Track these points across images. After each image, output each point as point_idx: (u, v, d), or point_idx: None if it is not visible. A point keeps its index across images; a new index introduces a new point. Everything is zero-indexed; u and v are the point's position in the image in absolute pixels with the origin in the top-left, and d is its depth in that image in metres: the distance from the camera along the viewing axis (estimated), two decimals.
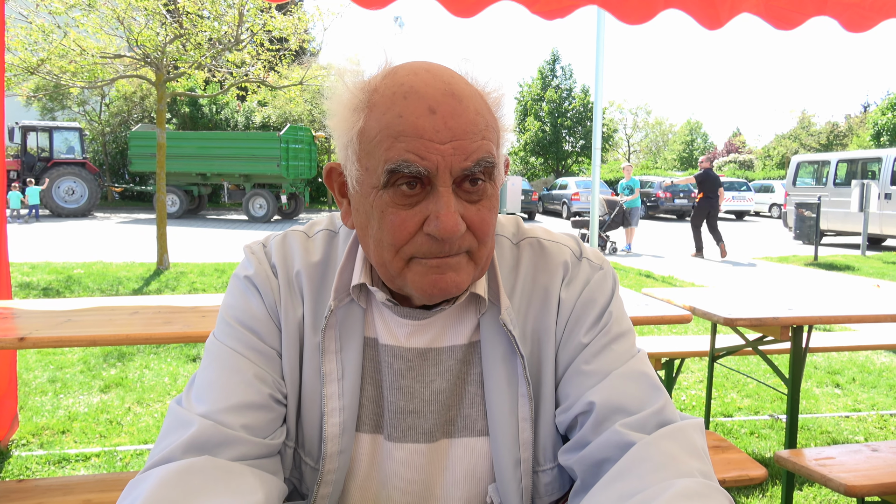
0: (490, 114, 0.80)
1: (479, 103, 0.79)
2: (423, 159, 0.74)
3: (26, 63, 8.70)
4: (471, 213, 0.78)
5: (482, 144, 0.77)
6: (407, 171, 0.75)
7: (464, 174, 0.76)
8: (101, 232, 15.75)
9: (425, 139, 0.74)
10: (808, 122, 41.38)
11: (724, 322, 2.41)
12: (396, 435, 0.90)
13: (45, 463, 3.06)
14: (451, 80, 0.78)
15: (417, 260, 0.79)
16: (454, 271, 0.79)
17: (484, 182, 0.79)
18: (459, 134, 0.75)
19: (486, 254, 0.82)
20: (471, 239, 0.79)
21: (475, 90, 0.80)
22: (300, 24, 9.88)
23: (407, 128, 0.75)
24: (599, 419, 0.82)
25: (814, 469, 2.04)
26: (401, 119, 0.75)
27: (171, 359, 4.82)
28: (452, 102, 0.76)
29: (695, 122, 50.19)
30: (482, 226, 0.79)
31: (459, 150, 0.75)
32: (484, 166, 0.77)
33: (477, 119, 0.77)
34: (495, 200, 0.81)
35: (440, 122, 0.74)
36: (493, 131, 0.79)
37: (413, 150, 0.74)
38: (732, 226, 23.72)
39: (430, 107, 0.75)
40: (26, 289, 7.46)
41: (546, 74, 37.02)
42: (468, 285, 0.82)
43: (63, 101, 24.63)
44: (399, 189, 0.77)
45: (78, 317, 2.31)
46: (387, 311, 0.90)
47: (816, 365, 5.04)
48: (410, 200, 0.77)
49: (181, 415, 0.80)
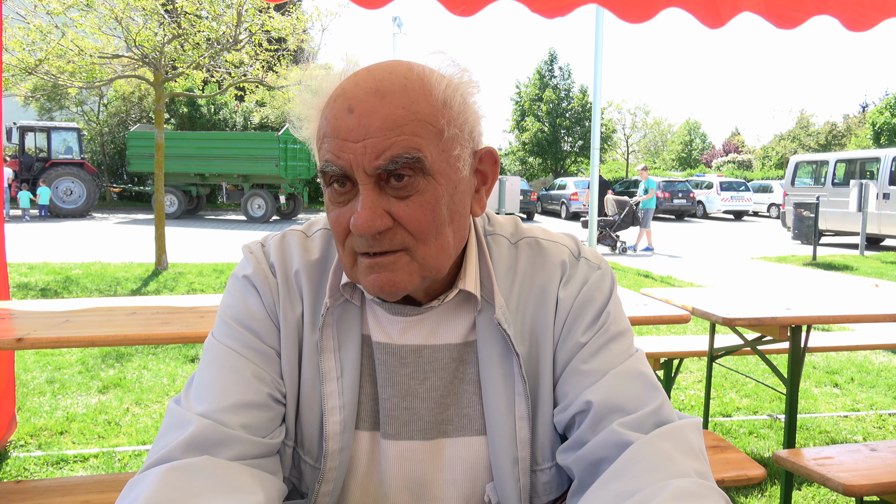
0: (430, 103, 0.77)
1: (412, 95, 0.76)
2: (339, 158, 0.76)
3: (24, 63, 8.69)
4: (399, 209, 0.77)
5: (400, 140, 0.74)
6: (329, 171, 0.77)
7: (381, 171, 0.75)
8: (100, 232, 15.74)
9: (340, 139, 0.76)
10: (806, 123, 41.43)
11: (722, 322, 2.41)
12: (391, 432, 0.90)
13: (43, 464, 3.05)
14: (384, 77, 0.77)
15: (359, 258, 0.80)
16: (390, 271, 0.78)
17: (411, 178, 0.76)
18: (373, 131, 0.74)
19: (433, 253, 0.79)
20: (404, 235, 0.78)
21: (417, 81, 0.77)
22: (298, 24, 9.88)
23: (330, 129, 0.77)
24: (597, 418, 0.82)
25: (812, 469, 2.04)
26: (327, 121, 0.78)
27: (170, 359, 4.82)
28: (373, 100, 0.75)
29: (693, 122, 50.24)
30: (412, 222, 0.77)
31: (371, 148, 0.74)
32: (403, 162, 0.74)
33: (397, 114, 0.75)
34: (431, 196, 0.77)
35: (355, 121, 0.75)
36: (426, 123, 0.76)
37: (332, 149, 0.76)
38: (731, 226, 23.75)
39: (350, 106, 0.76)
40: (24, 289, 7.45)
41: (544, 74, 37.02)
42: (413, 286, 0.80)
43: (61, 102, 24.60)
44: (333, 187, 0.79)
45: (76, 317, 2.30)
46: (379, 308, 0.90)
47: (815, 365, 5.04)
48: (343, 198, 0.79)
49: (180, 414, 0.80)
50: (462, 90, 0.81)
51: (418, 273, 0.80)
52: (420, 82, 0.78)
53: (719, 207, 27.26)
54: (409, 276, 0.79)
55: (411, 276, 0.79)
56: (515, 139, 38.28)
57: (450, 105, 0.79)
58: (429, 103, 0.77)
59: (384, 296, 0.81)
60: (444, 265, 0.82)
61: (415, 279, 0.80)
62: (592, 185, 11.48)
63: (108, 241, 13.67)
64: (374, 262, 0.78)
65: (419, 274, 0.80)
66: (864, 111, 40.62)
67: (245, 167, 19.93)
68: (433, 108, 0.77)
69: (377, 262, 0.78)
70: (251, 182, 20.38)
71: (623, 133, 45.02)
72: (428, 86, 0.78)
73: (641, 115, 46.57)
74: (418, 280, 0.80)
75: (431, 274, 0.81)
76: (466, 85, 0.82)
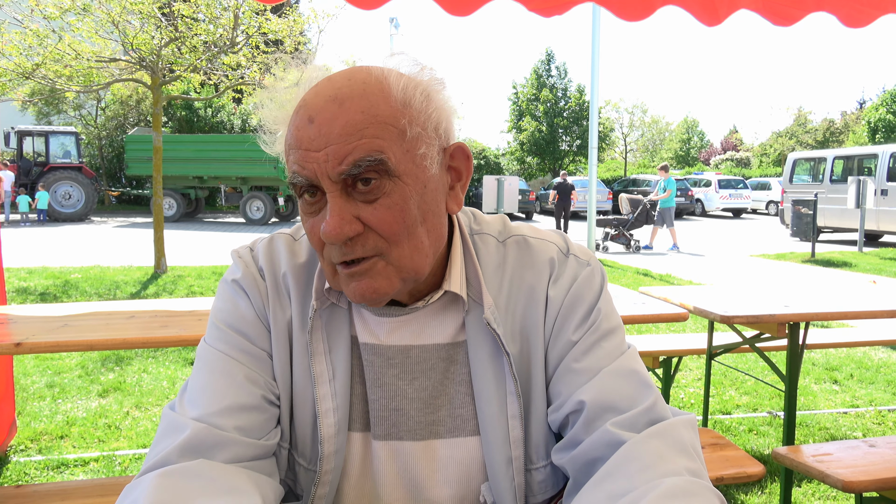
0: (390, 105, 0.77)
1: (371, 100, 0.76)
2: (304, 168, 0.77)
3: (21, 68, 8.69)
4: (367, 214, 0.77)
5: (361, 144, 0.74)
6: (297, 182, 0.78)
7: (346, 177, 0.75)
8: (99, 236, 15.73)
9: (303, 149, 0.76)
10: (804, 120, 41.45)
11: (720, 319, 2.42)
12: (381, 433, 0.90)
13: (43, 468, 3.05)
14: (342, 84, 0.77)
15: (339, 270, 0.81)
16: (369, 277, 0.79)
17: (377, 180, 0.76)
18: (333, 139, 0.75)
19: (408, 254, 0.79)
20: (376, 239, 0.78)
21: (376, 85, 0.78)
22: (295, 26, 9.88)
23: (293, 140, 0.78)
24: (590, 418, 0.82)
25: (811, 465, 2.05)
26: (291, 133, 0.79)
27: (170, 362, 4.82)
28: (332, 108, 0.76)
29: (691, 120, 50.20)
30: (382, 225, 0.77)
31: (333, 156, 0.75)
32: (366, 165, 0.75)
33: (356, 119, 0.75)
34: (399, 198, 0.77)
35: (315, 131, 0.76)
36: (387, 125, 0.76)
37: (297, 160, 0.77)
38: (730, 224, 23.77)
39: (310, 116, 0.77)
40: (24, 294, 7.45)
41: (541, 74, 37.00)
42: (394, 290, 0.80)
43: (59, 106, 24.60)
44: (304, 198, 0.80)
45: (74, 322, 2.30)
46: (365, 310, 0.90)
47: (814, 361, 5.05)
48: (313, 208, 0.80)
49: (175, 419, 0.80)
50: (423, 87, 0.81)
51: (396, 276, 0.80)
52: (378, 85, 0.78)
53: (718, 205, 27.28)
54: (388, 281, 0.80)
55: (390, 280, 0.80)
56: (513, 139, 38.28)
57: (410, 104, 0.79)
58: (388, 104, 0.77)
59: (368, 303, 0.81)
60: (422, 266, 0.82)
61: (394, 283, 0.80)
62: (591, 185, 11.50)
63: (107, 244, 13.66)
64: (351, 272, 0.79)
65: (398, 277, 0.80)
66: (862, 108, 40.66)
67: (243, 169, 19.93)
68: (393, 108, 0.77)
69: (354, 270, 0.79)
70: (249, 184, 20.39)
71: (621, 132, 45.02)
72: (386, 87, 0.78)
73: (639, 114, 46.57)
74: (398, 283, 0.81)
75: (410, 276, 0.81)
76: (428, 83, 0.82)
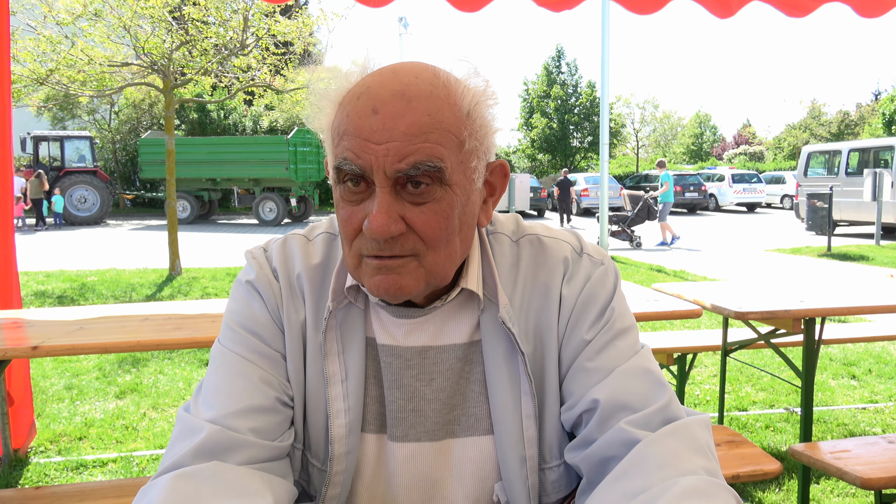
0: (454, 114, 0.77)
1: (436, 104, 0.76)
2: (358, 158, 0.75)
3: (36, 74, 8.79)
4: (413, 215, 0.77)
5: (423, 147, 0.74)
6: (346, 169, 0.77)
7: (400, 176, 0.75)
8: (114, 239, 15.89)
9: (362, 139, 0.75)
10: (818, 112, 40.96)
11: (735, 316, 2.39)
12: (399, 434, 0.90)
13: (63, 469, 3.09)
14: (410, 81, 0.77)
15: (365, 259, 0.80)
16: (397, 274, 0.79)
17: (429, 185, 0.76)
18: (397, 135, 0.74)
19: (441, 261, 0.80)
20: (415, 241, 0.78)
21: (442, 90, 0.78)
22: (305, 27, 9.92)
23: (350, 127, 0.76)
24: (604, 417, 0.82)
25: (829, 462, 2.03)
26: (348, 118, 0.77)
27: (185, 364, 4.86)
28: (399, 104, 0.75)
29: (704, 114, 49.85)
30: (426, 229, 0.77)
31: (394, 152, 0.74)
32: (424, 169, 0.75)
33: (422, 121, 0.75)
34: (447, 205, 0.78)
35: (379, 123, 0.75)
36: (449, 133, 0.76)
37: (352, 148, 0.76)
38: (744, 218, 23.57)
39: (375, 107, 0.75)
40: (41, 297, 7.54)
41: (551, 71, 36.90)
42: (418, 290, 0.81)
43: (73, 111, 24.87)
44: (346, 185, 0.79)
45: (90, 325, 2.33)
46: (382, 311, 0.90)
47: (832, 357, 4.99)
48: (356, 197, 0.79)
49: (190, 421, 0.81)
50: (484, 102, 0.82)
51: (424, 279, 0.80)
52: (445, 90, 0.78)
53: (731, 200, 27.04)
54: (415, 282, 0.80)
55: (417, 281, 0.80)
56: (524, 136, 38.19)
57: (472, 117, 0.79)
58: (453, 113, 0.77)
59: (388, 298, 0.81)
60: (450, 273, 0.83)
61: (420, 285, 0.80)
62: (602, 181, 11.44)
63: (122, 247, 13.80)
64: (381, 265, 0.78)
65: (424, 280, 0.81)
66: (877, 99, 40.12)
67: (256, 171, 20.04)
68: (457, 118, 0.78)
69: (385, 264, 0.78)
70: (262, 186, 20.49)
71: (632, 127, 44.76)
72: (453, 95, 0.78)
73: (650, 109, 46.23)
74: (423, 286, 0.81)
75: (436, 281, 0.82)
76: (488, 97, 0.82)
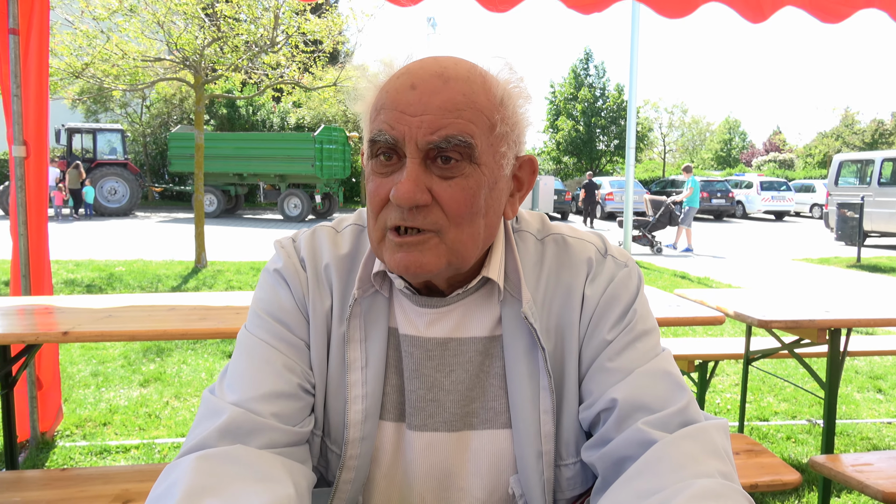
0: (488, 98, 0.81)
1: (472, 87, 0.80)
2: (392, 129, 0.79)
3: (72, 67, 8.98)
4: (440, 189, 0.79)
5: (456, 122, 0.78)
6: (380, 140, 0.80)
7: (431, 147, 0.78)
8: (142, 231, 16.17)
9: (398, 111, 0.79)
10: (851, 120, 40.11)
11: (758, 324, 2.37)
12: (417, 423, 0.91)
13: (87, 453, 3.16)
14: (449, 65, 0.81)
15: (388, 236, 0.82)
16: (419, 251, 0.80)
17: (458, 161, 0.79)
18: (432, 109, 0.77)
19: (463, 239, 0.82)
20: (439, 214, 0.80)
21: (479, 76, 0.81)
22: (334, 26, 10.00)
23: (388, 101, 0.80)
24: (622, 416, 0.82)
25: (850, 475, 2.00)
26: (387, 94, 0.81)
27: (208, 354, 4.93)
28: (436, 82, 0.79)
29: (733, 120, 49.17)
30: (451, 203, 0.79)
31: (427, 124, 0.77)
32: (455, 143, 0.77)
33: (457, 98, 0.78)
34: (474, 182, 0.80)
35: (415, 97, 0.78)
36: (482, 114, 0.80)
37: (388, 120, 0.79)
38: (771, 226, 23.19)
39: (413, 83, 0.79)
40: (71, 285, 7.71)
41: (579, 73, 36.68)
42: (438, 269, 0.82)
43: (106, 104, 25.35)
44: (378, 159, 0.82)
45: (118, 313, 2.39)
46: (406, 301, 0.91)
47: (858, 369, 4.90)
48: (387, 170, 0.81)
49: (214, 403, 0.83)
50: (517, 94, 0.85)
51: (445, 257, 0.82)
52: (481, 77, 0.82)
53: (759, 207, 26.61)
54: (436, 259, 0.81)
55: (438, 258, 0.81)
56: (549, 139, 38.02)
57: (505, 104, 0.83)
58: (487, 97, 0.81)
59: (408, 276, 0.83)
60: (471, 255, 0.84)
61: (441, 262, 0.82)
62: (627, 185, 11.34)
63: (150, 239, 14.03)
64: (403, 241, 0.80)
65: (446, 258, 0.82)
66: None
67: (282, 167, 20.23)
68: (491, 102, 0.81)
69: (406, 241, 0.80)
70: (287, 182, 20.68)
71: (660, 132, 44.31)
72: (488, 82, 0.82)
73: (679, 114, 45.79)
74: (444, 264, 0.82)
75: (457, 261, 0.83)
76: (522, 92, 0.86)
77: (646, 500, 0.71)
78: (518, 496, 0.90)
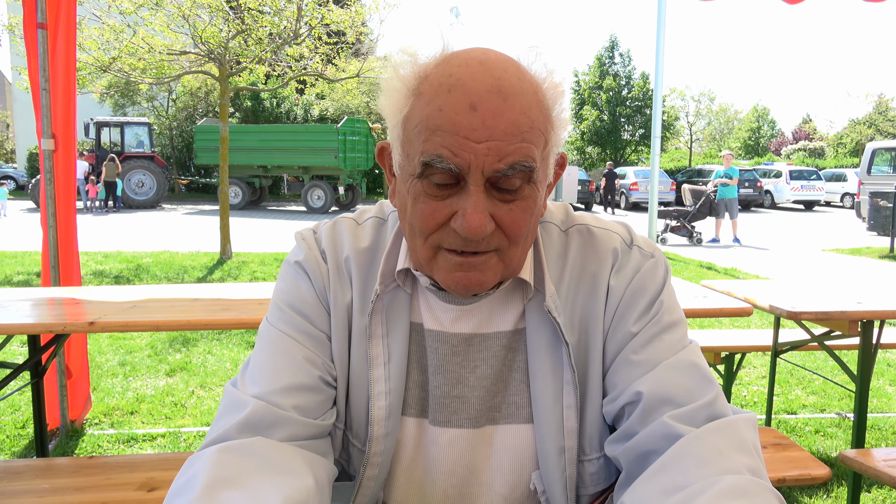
0: (541, 111, 0.77)
1: (527, 101, 0.75)
2: (455, 156, 0.73)
3: (99, 62, 9.11)
4: (502, 213, 0.77)
5: (520, 147, 0.74)
6: (439, 166, 0.74)
7: (497, 175, 0.75)
8: (169, 222, 16.42)
9: (461, 136, 0.73)
10: (885, 107, 39.05)
11: (787, 315, 2.31)
12: (441, 419, 0.90)
13: (114, 441, 3.23)
14: (501, 75, 0.75)
15: (444, 253, 0.79)
16: (479, 271, 0.79)
17: (520, 184, 0.76)
18: (497, 134, 0.73)
19: (518, 254, 0.82)
20: (501, 238, 0.78)
21: (529, 85, 0.77)
22: (357, 16, 10.00)
23: (445, 122, 0.73)
24: (647, 410, 0.80)
25: (882, 470, 1.95)
26: (441, 113, 0.74)
27: (233, 345, 4.99)
28: (496, 100, 0.73)
29: (762, 108, 48.20)
30: (513, 226, 0.78)
31: (494, 151, 0.73)
32: (519, 170, 0.74)
33: (520, 120, 0.74)
34: (532, 202, 0.79)
35: (478, 121, 0.72)
36: (539, 132, 0.76)
37: (448, 145, 0.73)
38: (801, 216, 22.75)
39: (472, 103, 0.73)
40: (99, 276, 7.86)
41: (604, 62, 36.22)
42: (494, 284, 0.82)
43: (133, 98, 25.72)
44: (432, 181, 0.76)
45: (144, 304, 2.42)
46: (431, 296, 0.90)
47: (890, 362, 4.79)
48: (442, 193, 0.77)
49: (236, 396, 0.83)
50: (559, 96, 0.81)
51: (500, 272, 0.81)
52: (532, 86, 0.77)
53: (788, 197, 26.09)
54: (494, 276, 0.81)
55: (496, 276, 0.81)
56: (574, 128, 37.70)
57: (553, 114, 0.80)
58: (540, 110, 0.77)
59: (465, 293, 0.82)
60: (522, 265, 0.85)
61: (497, 278, 0.82)
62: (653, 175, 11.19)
63: (176, 230, 14.24)
64: (465, 262, 0.78)
65: (501, 273, 0.82)
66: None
67: (305, 159, 20.36)
68: (544, 116, 0.78)
69: (469, 261, 0.78)
70: (311, 173, 20.81)
71: (686, 121, 43.63)
72: (539, 91, 0.78)
73: (706, 102, 44.96)
74: (499, 279, 0.82)
75: (510, 274, 0.84)
76: (562, 90, 0.81)
77: (671, 497, 0.69)
78: (540, 492, 0.89)
